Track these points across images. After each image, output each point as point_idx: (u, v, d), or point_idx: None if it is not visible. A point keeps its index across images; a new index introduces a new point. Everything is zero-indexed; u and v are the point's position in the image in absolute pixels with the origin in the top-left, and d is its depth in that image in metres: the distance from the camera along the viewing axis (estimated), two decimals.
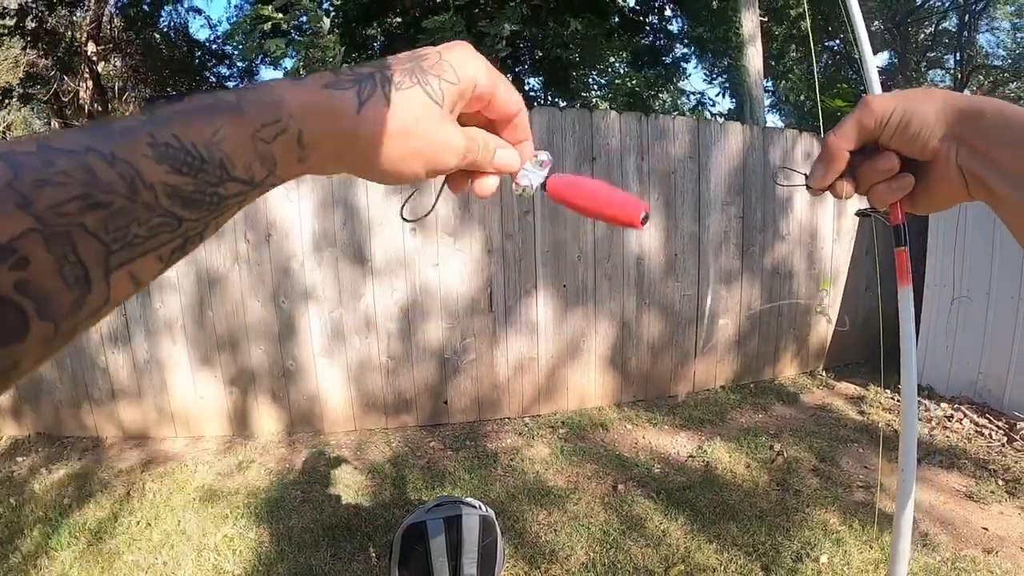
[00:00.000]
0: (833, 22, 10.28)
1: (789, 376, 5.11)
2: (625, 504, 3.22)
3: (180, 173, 0.34)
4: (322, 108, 0.39)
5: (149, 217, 0.33)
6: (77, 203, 0.31)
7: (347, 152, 0.42)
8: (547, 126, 4.11)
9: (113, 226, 0.32)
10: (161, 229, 0.34)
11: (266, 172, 0.39)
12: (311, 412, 4.21)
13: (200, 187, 0.35)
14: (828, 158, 0.53)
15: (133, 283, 0.34)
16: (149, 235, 0.33)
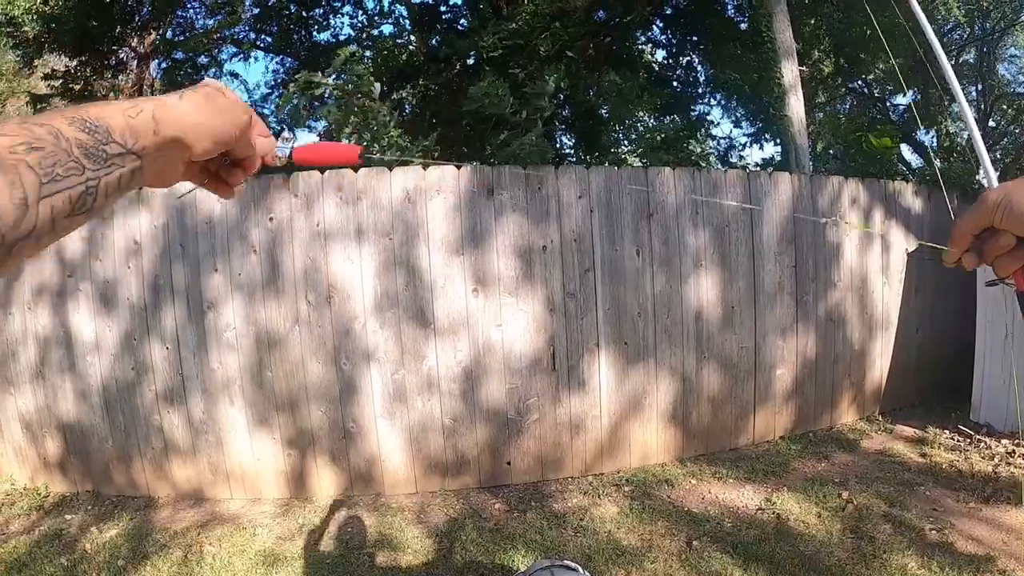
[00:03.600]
0: (858, 64, 10.68)
1: (847, 423, 5.43)
2: (703, 560, 3.46)
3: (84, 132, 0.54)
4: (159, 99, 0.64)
5: (66, 160, 0.52)
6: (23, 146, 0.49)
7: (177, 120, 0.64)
8: (604, 185, 4.51)
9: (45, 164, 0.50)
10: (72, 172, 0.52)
11: (134, 139, 0.59)
12: (370, 474, 4.49)
13: (95, 144, 0.55)
14: (955, 241, 0.78)
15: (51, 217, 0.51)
16: (65, 175, 0.51)
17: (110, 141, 0.57)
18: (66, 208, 0.53)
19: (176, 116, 0.65)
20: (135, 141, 0.60)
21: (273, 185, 4.33)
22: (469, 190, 4.38)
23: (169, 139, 0.64)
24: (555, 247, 4.45)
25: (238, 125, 0.73)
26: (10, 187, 0.47)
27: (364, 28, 12.09)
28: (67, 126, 0.54)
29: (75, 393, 4.55)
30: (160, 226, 4.38)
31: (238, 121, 0.73)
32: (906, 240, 5.60)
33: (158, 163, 0.65)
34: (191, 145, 0.67)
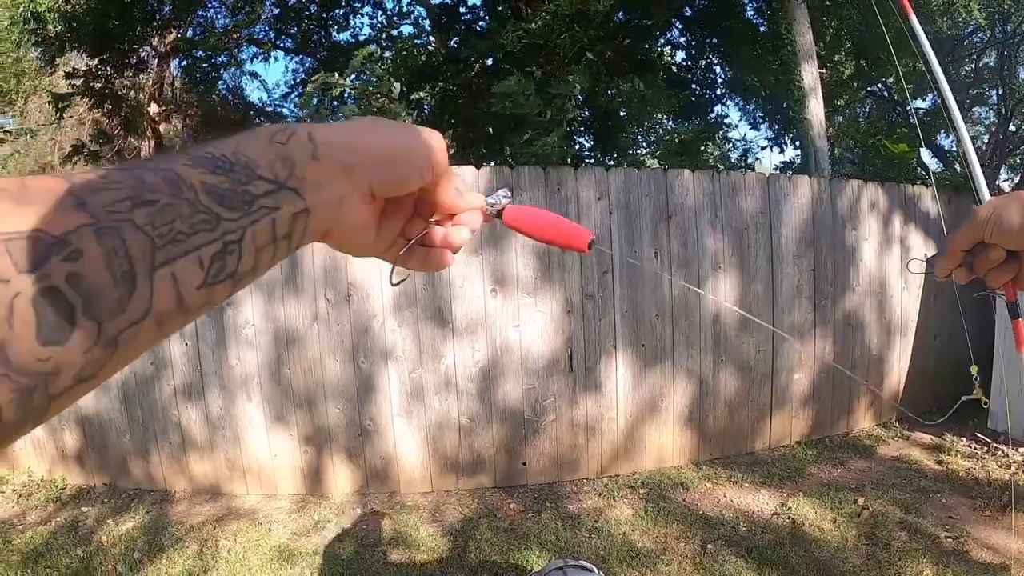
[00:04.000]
0: (878, 67, 10.62)
1: (863, 428, 5.41)
2: (717, 564, 3.47)
3: (214, 173, 0.42)
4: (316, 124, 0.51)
5: (191, 213, 0.40)
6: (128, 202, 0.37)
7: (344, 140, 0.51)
8: (623, 187, 4.51)
9: (160, 221, 0.38)
10: (201, 227, 0.40)
11: (287, 171, 0.46)
12: (386, 472, 4.52)
13: (232, 185, 0.43)
14: (949, 256, 0.81)
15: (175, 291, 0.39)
16: (190, 232, 0.39)
17: (253, 178, 0.45)
18: (196, 276, 0.40)
19: (341, 135, 0.51)
20: (289, 173, 0.47)
21: None
22: (489, 191, 4.37)
23: (337, 165, 0.50)
24: None
25: (437, 148, 0.57)
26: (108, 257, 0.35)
27: (383, 28, 12.13)
28: (190, 168, 0.42)
29: None
30: None
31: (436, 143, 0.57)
32: (925, 246, 5.58)
33: (330, 205, 0.50)
34: (368, 174, 0.52)
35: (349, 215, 0.53)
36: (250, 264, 0.44)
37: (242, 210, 0.43)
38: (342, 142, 0.51)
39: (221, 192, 0.42)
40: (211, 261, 0.41)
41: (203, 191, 0.41)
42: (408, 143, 0.54)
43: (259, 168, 0.45)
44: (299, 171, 0.47)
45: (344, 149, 0.51)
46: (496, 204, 0.67)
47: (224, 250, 0.42)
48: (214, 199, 0.42)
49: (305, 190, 0.48)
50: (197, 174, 0.42)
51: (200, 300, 0.41)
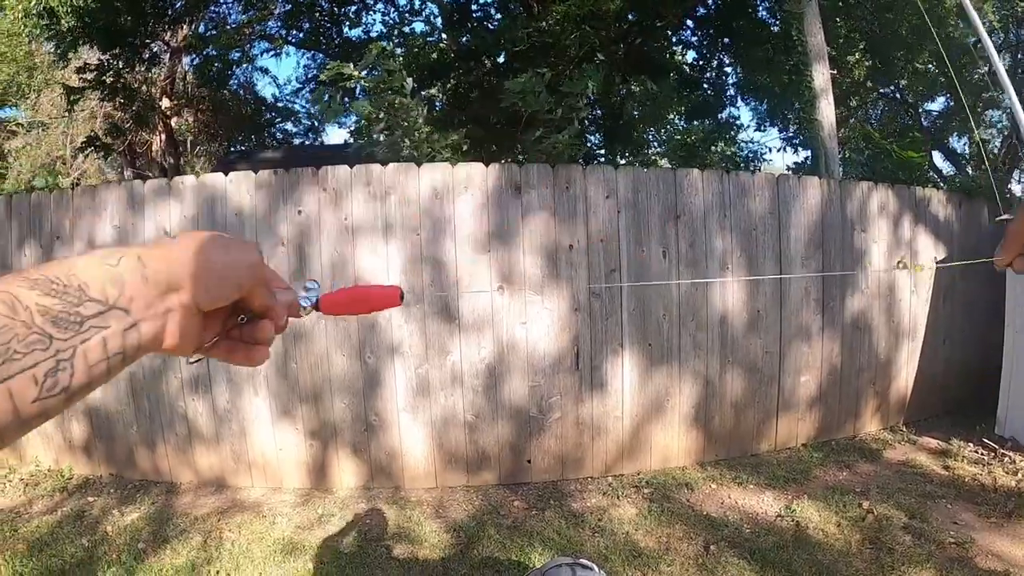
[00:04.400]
0: (891, 68, 10.59)
1: (870, 432, 5.40)
2: (720, 565, 3.45)
3: (49, 296, 0.46)
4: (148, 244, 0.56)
5: (27, 334, 0.43)
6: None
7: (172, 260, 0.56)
8: (632, 186, 4.51)
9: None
10: (36, 346, 0.44)
11: (117, 292, 0.50)
12: (391, 467, 4.54)
13: (65, 307, 0.46)
14: (1008, 246, 0.86)
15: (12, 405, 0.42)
16: (26, 351, 0.43)
17: (84, 300, 0.48)
18: (31, 391, 0.44)
19: (171, 256, 0.56)
20: (119, 293, 0.51)
21: (303, 178, 4.38)
22: (497, 188, 4.41)
23: (164, 284, 0.55)
24: (581, 247, 4.46)
25: (250, 264, 0.63)
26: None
27: (395, 25, 12.19)
28: (26, 290, 0.46)
29: None
30: (190, 217, 4.44)
31: (249, 259, 0.63)
32: (935, 249, 5.55)
33: (159, 319, 0.55)
34: (194, 290, 0.57)
35: (177, 326, 0.57)
36: (83, 379, 0.48)
37: (73, 330, 0.47)
38: (168, 263, 0.55)
39: (54, 314, 0.46)
40: (44, 377, 0.44)
41: (38, 312, 0.45)
42: (226, 262, 0.60)
43: (89, 290, 0.49)
44: (128, 291, 0.51)
45: (172, 270, 0.55)
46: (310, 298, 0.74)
47: (56, 367, 0.45)
48: (47, 320, 0.45)
49: (133, 309, 0.52)
50: (33, 296, 0.45)
51: (35, 412, 0.44)
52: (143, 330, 0.53)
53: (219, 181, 4.46)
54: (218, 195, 4.42)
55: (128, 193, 4.53)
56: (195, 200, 4.44)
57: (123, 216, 4.51)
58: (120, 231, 4.51)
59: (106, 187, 4.66)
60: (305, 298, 0.73)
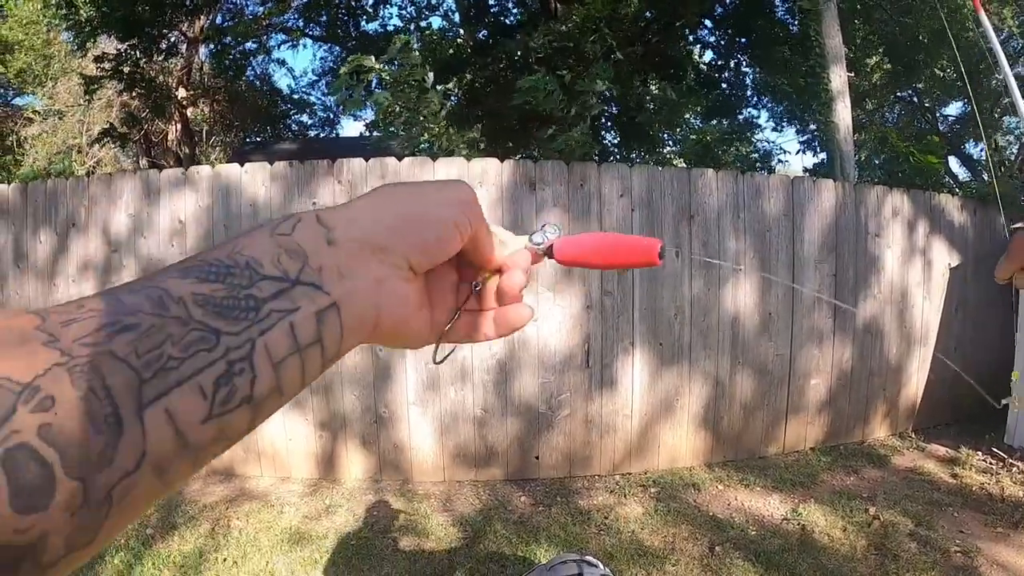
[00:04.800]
0: (909, 72, 10.54)
1: (879, 438, 5.38)
2: (724, 567, 3.46)
3: (208, 281, 0.36)
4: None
5: (183, 333, 0.33)
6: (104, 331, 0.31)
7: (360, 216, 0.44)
8: (646, 185, 4.52)
9: (143, 348, 0.31)
10: (198, 347, 0.33)
11: (299, 264, 0.39)
12: (400, 460, 4.56)
13: (232, 291, 0.36)
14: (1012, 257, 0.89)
15: (172, 427, 0.32)
16: (184, 355, 0.33)
17: (256, 280, 0.37)
18: (198, 408, 0.33)
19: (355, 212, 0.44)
20: (301, 265, 0.39)
21: (318, 171, 4.40)
22: (512, 183, 4.42)
23: (362, 245, 0.43)
24: None
25: (463, 200, 0.49)
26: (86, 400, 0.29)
27: (413, 19, 12.21)
28: (178, 280, 0.35)
29: None
30: (205, 207, 4.47)
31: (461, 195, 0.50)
32: (948, 255, 5.53)
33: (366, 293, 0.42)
34: (402, 247, 0.44)
35: (393, 300, 0.45)
36: (270, 383, 0.36)
37: (247, 319, 0.36)
38: (361, 218, 0.44)
39: (217, 301, 0.35)
40: (215, 387, 0.34)
41: (195, 304, 0.34)
42: (437, 202, 0.48)
43: (263, 267, 0.38)
44: (313, 261, 0.40)
45: (366, 224, 0.44)
46: (543, 242, 0.58)
47: (230, 371, 0.34)
48: (210, 312, 0.35)
49: (326, 281, 0.40)
50: (186, 285, 0.35)
51: (209, 435, 0.34)
52: (347, 310, 0.41)
53: (234, 172, 4.49)
54: (233, 186, 4.45)
55: (144, 182, 4.56)
56: (210, 190, 4.47)
57: (138, 205, 4.54)
58: (135, 220, 4.55)
59: (121, 176, 4.69)
60: (542, 234, 0.58)
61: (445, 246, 0.47)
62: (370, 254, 0.43)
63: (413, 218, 0.45)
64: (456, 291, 0.55)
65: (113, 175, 4.78)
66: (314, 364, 0.39)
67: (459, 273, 0.55)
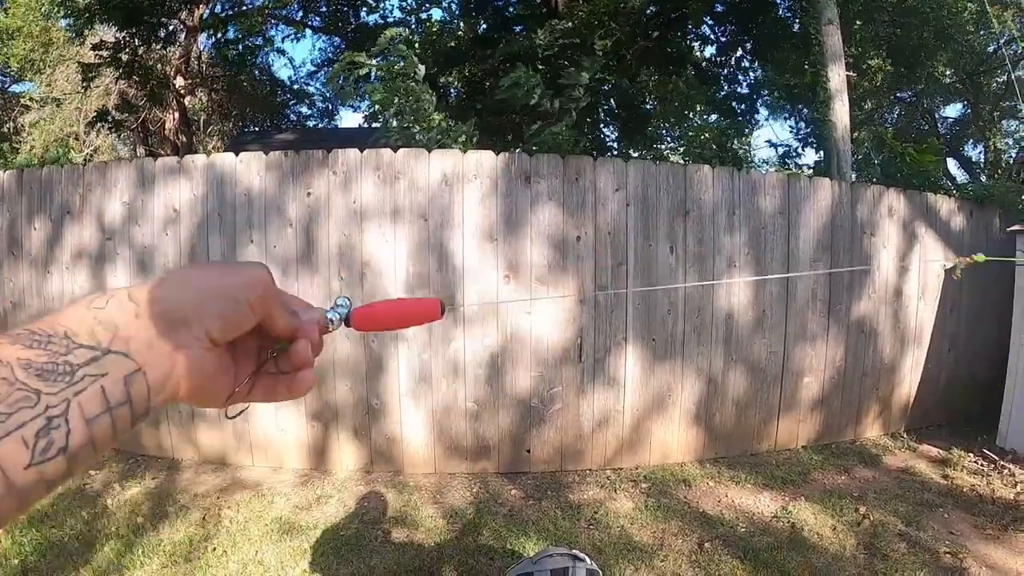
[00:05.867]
0: (910, 73, 10.53)
1: (871, 437, 5.39)
2: (712, 563, 3.46)
3: (31, 348, 0.41)
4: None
5: (8, 392, 0.38)
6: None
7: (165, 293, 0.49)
8: (642, 179, 4.51)
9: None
10: (21, 404, 0.38)
11: (110, 335, 0.44)
12: (391, 452, 4.56)
13: (52, 358, 0.41)
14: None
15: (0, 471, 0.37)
16: (10, 411, 0.38)
17: (73, 348, 0.43)
18: (21, 456, 0.38)
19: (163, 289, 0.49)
20: (112, 335, 0.45)
21: (313, 161, 4.39)
22: (506, 176, 4.41)
23: (165, 318, 0.48)
24: (589, 239, 4.47)
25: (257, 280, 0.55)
26: None
27: (413, 11, 12.19)
28: (6, 346, 0.41)
29: None
30: (199, 196, 4.47)
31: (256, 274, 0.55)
32: (944, 256, 5.52)
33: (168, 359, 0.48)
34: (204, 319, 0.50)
35: (193, 366, 0.50)
36: (84, 437, 0.41)
37: (64, 381, 0.41)
38: (165, 296, 0.49)
39: (39, 366, 0.41)
40: (35, 438, 0.38)
41: (20, 367, 0.40)
42: (236, 283, 0.53)
43: (78, 337, 0.43)
44: (123, 332, 0.45)
45: (169, 301, 0.49)
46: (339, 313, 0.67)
47: (48, 425, 0.39)
48: (32, 374, 0.40)
49: (134, 351, 0.45)
50: (13, 351, 0.41)
51: (31, 479, 0.38)
52: (151, 376, 0.46)
53: (229, 161, 4.48)
54: (227, 175, 4.44)
55: (138, 170, 4.55)
56: (205, 179, 4.46)
57: (133, 193, 4.53)
58: (130, 208, 4.54)
59: (117, 164, 4.69)
60: (334, 312, 0.67)
61: (241, 321, 0.53)
62: (174, 327, 0.48)
63: (215, 296, 0.51)
64: (258, 356, 0.61)
65: (108, 163, 4.77)
66: (123, 421, 0.44)
67: (260, 341, 0.61)
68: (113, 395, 0.43)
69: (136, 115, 13.19)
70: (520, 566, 2.00)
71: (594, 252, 4.48)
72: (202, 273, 0.54)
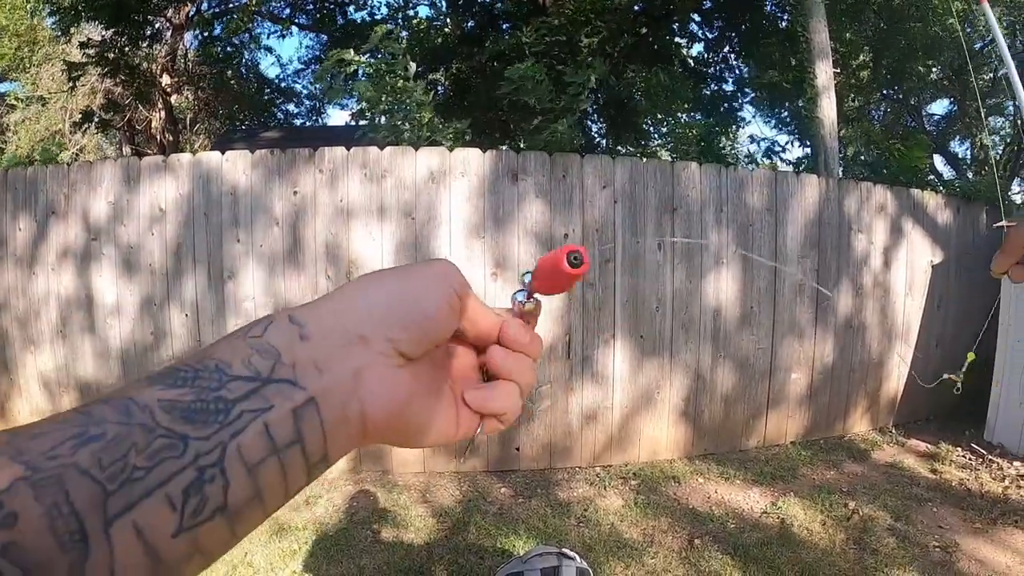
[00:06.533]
0: (895, 71, 10.57)
1: (859, 432, 5.40)
2: (703, 560, 3.46)
3: (175, 387, 0.34)
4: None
5: (148, 441, 0.31)
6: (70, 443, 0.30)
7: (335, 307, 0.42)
8: (629, 175, 4.51)
9: (108, 459, 0.30)
10: (164, 455, 0.31)
11: (271, 362, 0.37)
12: (379, 451, 4.56)
13: (200, 395, 0.34)
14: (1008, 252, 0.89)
15: (141, 543, 0.30)
16: (151, 464, 0.31)
17: (226, 382, 0.35)
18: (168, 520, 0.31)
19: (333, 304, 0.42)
20: (272, 364, 0.37)
21: (299, 159, 4.37)
22: (493, 173, 4.40)
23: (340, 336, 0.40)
24: (576, 236, 4.46)
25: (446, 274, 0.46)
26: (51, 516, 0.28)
27: (400, 8, 12.14)
28: (145, 387, 0.34)
29: (94, 354, 4.62)
30: (185, 194, 4.43)
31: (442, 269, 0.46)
32: (931, 252, 5.54)
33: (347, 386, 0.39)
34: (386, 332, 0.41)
35: (380, 390, 0.41)
36: (247, 490, 0.34)
37: (217, 422, 0.34)
38: (338, 309, 0.41)
39: (185, 406, 0.33)
40: (184, 496, 0.32)
41: (161, 410, 0.33)
42: (421, 282, 0.45)
43: (232, 368, 0.36)
44: (287, 357, 0.38)
45: (344, 315, 0.41)
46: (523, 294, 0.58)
47: (200, 479, 0.32)
48: (176, 417, 0.33)
49: (301, 376, 0.38)
50: (153, 392, 0.34)
51: (182, 550, 0.32)
52: (327, 405, 0.38)
53: (215, 159, 4.45)
54: (213, 173, 4.41)
55: (124, 169, 4.51)
56: (191, 177, 4.43)
57: (118, 191, 4.50)
58: (115, 207, 4.50)
59: (102, 163, 4.65)
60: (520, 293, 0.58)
61: (437, 325, 0.45)
62: (350, 344, 0.40)
63: (396, 301, 0.43)
64: (481, 372, 0.53)
65: (93, 162, 4.73)
66: (297, 468, 0.37)
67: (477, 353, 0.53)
68: (280, 434, 0.36)
69: (122, 114, 13.10)
70: (510, 565, 1.99)
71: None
72: (380, 277, 0.44)
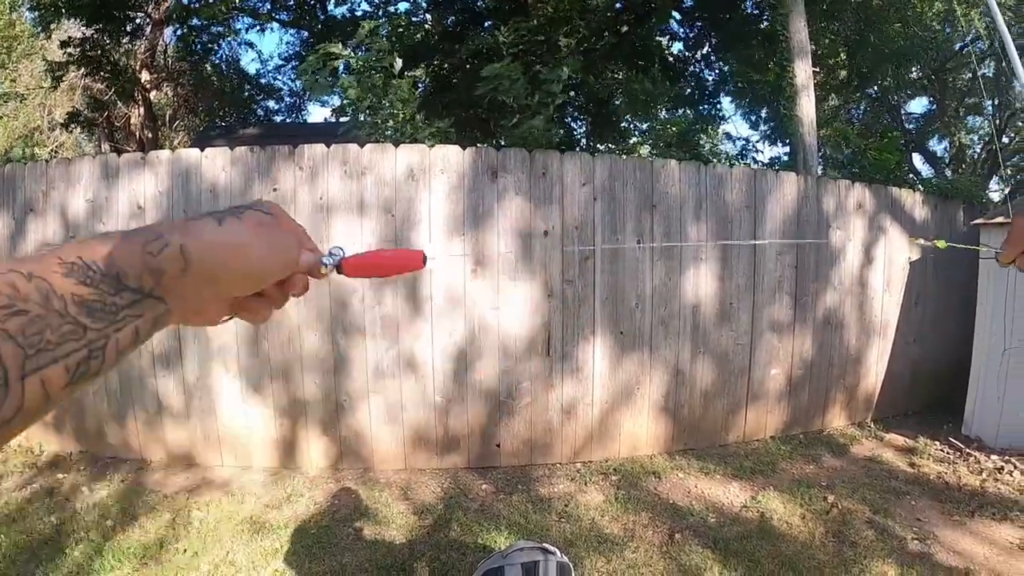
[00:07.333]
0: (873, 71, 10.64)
1: (838, 427, 5.45)
2: (683, 554, 3.48)
3: (84, 284, 0.45)
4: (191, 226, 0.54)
5: (60, 324, 0.43)
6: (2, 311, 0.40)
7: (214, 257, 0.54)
8: (608, 173, 4.53)
9: (30, 331, 0.41)
10: (69, 336, 0.43)
11: (154, 280, 0.49)
12: (360, 448, 4.53)
13: (100, 296, 0.46)
14: (1015, 242, 0.87)
15: (43, 392, 0.42)
16: (59, 341, 0.43)
17: (121, 290, 0.48)
18: (62, 379, 0.44)
19: (214, 252, 0.54)
20: (156, 282, 0.50)
21: (279, 156, 4.35)
22: (473, 171, 4.40)
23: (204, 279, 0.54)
24: (556, 233, 4.47)
25: (288, 263, 0.62)
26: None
27: (380, 4, 12.09)
28: (61, 277, 0.44)
29: None
30: (164, 191, 4.40)
31: (288, 259, 0.62)
32: (909, 249, 5.59)
33: (191, 308, 0.55)
34: (231, 287, 0.57)
35: (206, 311, 0.59)
36: (111, 362, 0.48)
37: (108, 320, 0.47)
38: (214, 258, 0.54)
39: (89, 304, 0.45)
40: (76, 366, 0.44)
41: (72, 302, 0.44)
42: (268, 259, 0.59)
43: (127, 278, 0.48)
44: (167, 280, 0.51)
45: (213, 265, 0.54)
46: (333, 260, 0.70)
47: (89, 356, 0.45)
48: (82, 311, 0.45)
49: (169, 297, 0.52)
50: (68, 285, 0.45)
51: (64, 396, 0.45)
52: (173, 314, 0.53)
53: (194, 156, 4.42)
54: (192, 170, 4.38)
55: (102, 166, 4.47)
56: (170, 174, 4.39)
57: (97, 188, 4.45)
58: (94, 204, 4.46)
59: (81, 159, 4.60)
60: (329, 258, 0.70)
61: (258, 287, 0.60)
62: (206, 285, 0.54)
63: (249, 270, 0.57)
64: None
65: (72, 159, 4.68)
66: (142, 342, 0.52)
67: None
68: (143, 332, 0.50)
69: (103, 111, 12.98)
70: (490, 560, 1.98)
71: (561, 246, 4.48)
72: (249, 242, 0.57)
